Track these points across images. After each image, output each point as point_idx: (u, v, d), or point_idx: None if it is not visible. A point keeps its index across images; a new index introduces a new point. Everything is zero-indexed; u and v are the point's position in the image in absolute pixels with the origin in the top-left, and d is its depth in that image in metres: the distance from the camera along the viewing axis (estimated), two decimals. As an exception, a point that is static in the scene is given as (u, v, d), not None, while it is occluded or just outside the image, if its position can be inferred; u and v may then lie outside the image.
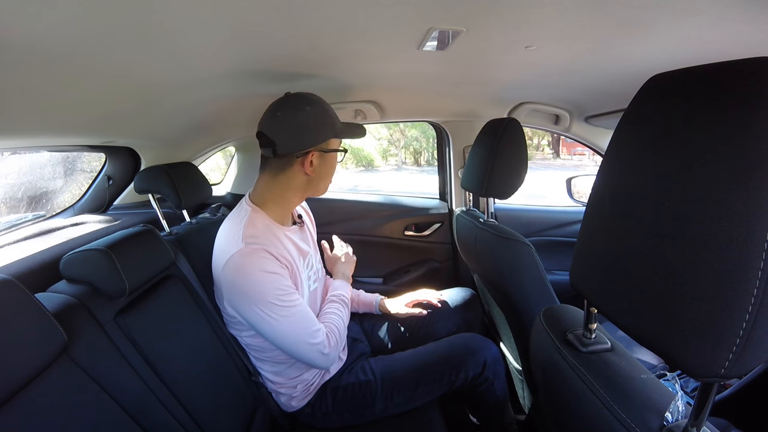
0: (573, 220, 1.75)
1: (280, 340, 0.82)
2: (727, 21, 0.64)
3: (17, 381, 0.53)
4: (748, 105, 0.32)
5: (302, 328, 0.82)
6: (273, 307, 0.78)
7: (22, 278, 0.67)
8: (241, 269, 0.78)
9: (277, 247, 0.84)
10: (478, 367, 0.98)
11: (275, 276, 0.79)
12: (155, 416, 0.71)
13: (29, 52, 0.52)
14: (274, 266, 0.80)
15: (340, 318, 0.95)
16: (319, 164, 0.87)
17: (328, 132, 0.86)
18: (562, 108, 1.50)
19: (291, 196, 0.90)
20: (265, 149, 0.85)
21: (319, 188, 0.92)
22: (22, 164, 1.41)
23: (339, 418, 0.95)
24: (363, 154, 10.97)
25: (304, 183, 0.89)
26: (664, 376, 0.95)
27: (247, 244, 0.79)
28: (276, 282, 0.79)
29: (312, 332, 0.83)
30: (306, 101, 0.85)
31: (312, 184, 0.90)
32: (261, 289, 0.78)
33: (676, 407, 0.42)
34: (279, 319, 0.79)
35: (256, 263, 0.78)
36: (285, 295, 0.80)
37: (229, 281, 0.80)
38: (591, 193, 0.49)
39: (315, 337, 0.83)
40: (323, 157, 0.87)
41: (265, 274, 0.78)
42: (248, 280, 0.78)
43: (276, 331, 0.81)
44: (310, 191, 0.92)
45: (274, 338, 0.82)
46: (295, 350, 0.83)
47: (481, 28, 0.69)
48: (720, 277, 0.32)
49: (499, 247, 1.01)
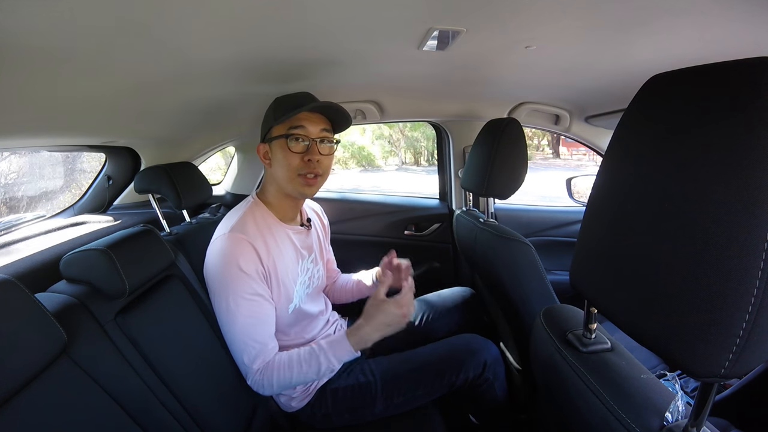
0: (573, 220, 1.75)
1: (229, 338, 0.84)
2: (727, 21, 0.64)
3: (17, 381, 0.53)
4: (748, 105, 0.32)
5: (242, 338, 0.82)
6: (227, 302, 0.80)
7: (22, 278, 0.67)
8: (219, 255, 0.81)
9: (267, 243, 0.84)
10: (479, 368, 0.98)
11: (245, 276, 0.80)
12: (155, 416, 0.71)
13: (29, 51, 0.52)
14: (250, 265, 0.80)
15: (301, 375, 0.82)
16: (272, 154, 0.88)
17: (269, 121, 0.88)
18: (562, 108, 1.50)
19: (275, 193, 0.92)
20: None
21: (280, 179, 0.87)
22: (22, 164, 1.41)
23: (339, 419, 0.95)
24: (363, 154, 10.96)
25: (271, 176, 0.91)
26: (664, 376, 0.95)
27: (232, 233, 0.81)
28: (243, 283, 0.80)
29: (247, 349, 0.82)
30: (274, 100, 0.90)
31: (276, 176, 0.89)
32: (227, 282, 0.80)
33: (676, 407, 0.42)
34: (225, 316, 0.82)
35: (234, 254, 0.80)
36: (242, 300, 0.80)
37: (207, 262, 0.84)
38: (591, 193, 0.50)
39: (248, 355, 0.82)
40: (271, 147, 0.88)
41: (237, 270, 0.79)
42: (221, 268, 0.80)
43: (222, 324, 0.84)
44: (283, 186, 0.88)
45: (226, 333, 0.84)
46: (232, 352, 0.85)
47: (481, 28, 0.69)
48: (720, 277, 0.32)
49: (499, 247, 1.01)
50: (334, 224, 1.70)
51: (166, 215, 1.22)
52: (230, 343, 0.85)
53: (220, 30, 0.62)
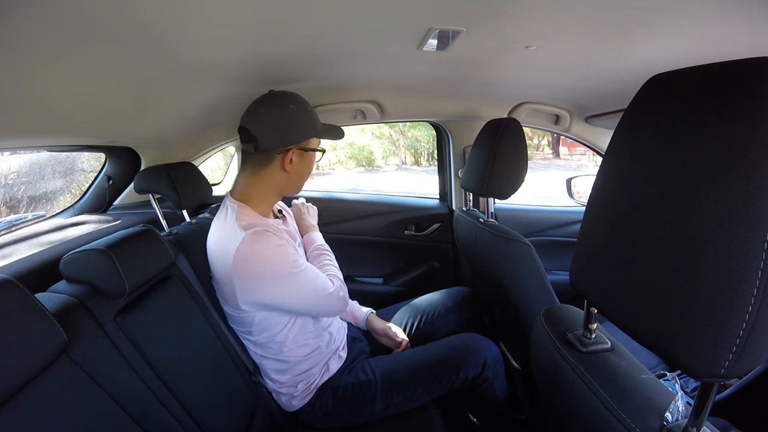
0: (573, 220, 1.75)
1: (307, 305, 0.89)
2: (727, 21, 0.64)
3: (17, 381, 0.53)
4: (749, 105, 0.32)
5: (319, 285, 0.89)
6: (292, 276, 0.83)
7: (22, 278, 0.67)
8: (253, 254, 0.80)
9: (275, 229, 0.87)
10: (478, 367, 0.99)
11: (285, 248, 0.82)
12: (155, 416, 0.71)
13: (29, 51, 0.52)
14: (280, 240, 0.83)
15: (333, 265, 1.03)
16: (299, 162, 0.88)
17: (308, 131, 0.87)
18: (562, 108, 1.50)
19: (269, 193, 0.91)
20: (247, 145, 0.85)
21: (296, 186, 0.93)
22: (22, 164, 1.41)
23: (339, 418, 0.95)
24: (364, 154, 10.95)
25: (283, 180, 0.90)
26: (664, 376, 0.95)
27: (248, 231, 0.80)
28: (287, 253, 0.83)
29: (326, 284, 0.90)
30: (290, 99, 0.86)
31: (290, 181, 0.91)
32: (277, 264, 0.81)
33: (676, 407, 0.42)
34: (300, 286, 0.84)
35: (264, 243, 0.80)
36: (296, 262, 0.84)
37: (242, 271, 0.80)
38: (591, 193, 0.50)
39: (329, 287, 0.91)
40: (302, 156, 0.89)
41: (276, 248, 0.81)
42: (264, 261, 0.80)
43: (301, 298, 0.86)
44: (287, 189, 0.93)
45: (300, 305, 0.88)
46: (319, 307, 0.91)
47: (481, 28, 0.69)
48: (720, 277, 0.32)
49: (499, 247, 1.01)
50: (334, 224, 1.70)
51: (166, 215, 1.22)
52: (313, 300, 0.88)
53: (220, 30, 0.62)
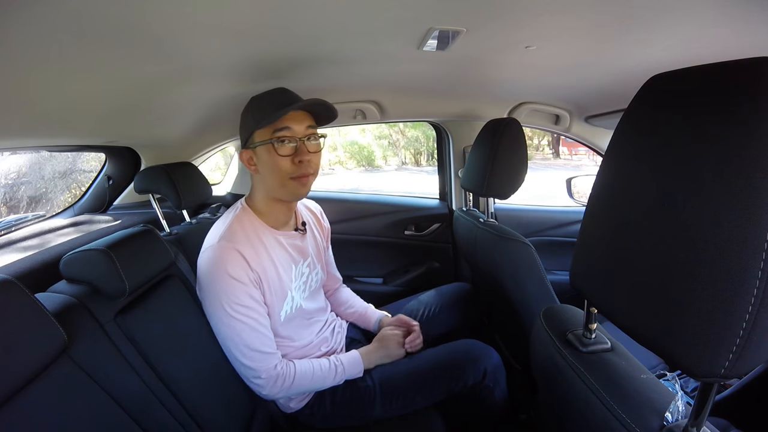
0: (573, 220, 1.75)
1: (223, 344, 0.85)
2: (727, 21, 0.64)
3: (17, 381, 0.53)
4: (748, 105, 0.32)
5: (238, 345, 0.82)
6: (222, 311, 0.80)
7: (22, 278, 0.67)
8: (208, 265, 0.81)
9: (256, 249, 0.83)
10: (478, 376, 0.96)
11: (236, 283, 0.79)
12: (155, 416, 0.71)
13: (29, 51, 0.52)
14: (240, 272, 0.79)
15: (316, 380, 0.89)
16: (260, 160, 0.84)
17: (250, 126, 0.82)
18: (562, 108, 1.50)
19: (263, 198, 0.89)
20: None
21: (270, 184, 0.85)
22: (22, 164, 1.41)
23: (337, 420, 0.95)
24: (364, 154, 10.94)
25: (259, 182, 0.88)
26: (664, 376, 0.95)
27: (220, 242, 0.81)
28: (235, 290, 0.79)
29: (250, 354, 0.82)
30: (251, 100, 0.86)
31: (265, 182, 0.86)
32: (218, 290, 0.80)
33: (676, 407, 0.42)
34: (225, 330, 0.82)
35: (222, 263, 0.79)
36: (238, 306, 0.80)
37: (199, 275, 0.84)
38: (591, 193, 0.49)
39: (252, 360, 0.83)
40: (255, 152, 0.84)
41: (227, 277, 0.79)
42: (211, 278, 0.80)
43: (219, 333, 0.84)
44: (274, 191, 0.87)
45: (219, 340, 0.85)
46: (231, 361, 0.85)
47: (481, 28, 0.69)
48: (720, 277, 0.32)
49: (499, 247, 1.01)
50: (334, 224, 1.69)
51: (166, 215, 1.22)
52: (230, 351, 0.84)
53: (220, 30, 0.62)
